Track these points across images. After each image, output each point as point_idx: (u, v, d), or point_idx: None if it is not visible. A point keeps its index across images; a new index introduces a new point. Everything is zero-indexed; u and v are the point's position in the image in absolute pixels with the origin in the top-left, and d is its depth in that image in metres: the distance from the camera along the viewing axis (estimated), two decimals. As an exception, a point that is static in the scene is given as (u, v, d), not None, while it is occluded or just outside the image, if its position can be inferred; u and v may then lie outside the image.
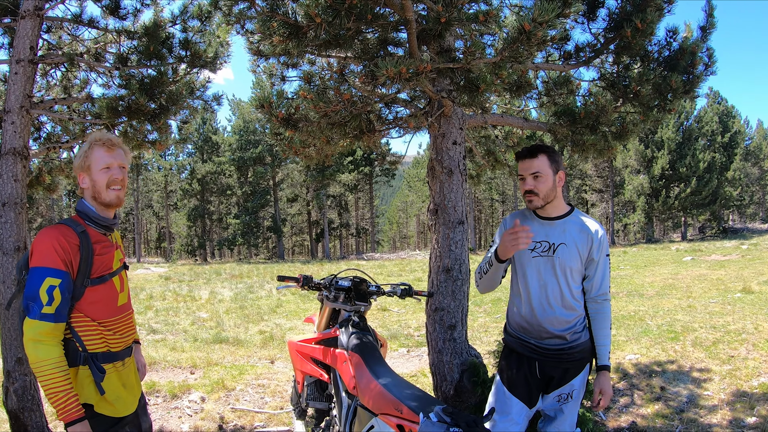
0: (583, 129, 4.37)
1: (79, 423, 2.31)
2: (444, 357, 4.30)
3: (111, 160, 2.59)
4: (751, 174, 52.60)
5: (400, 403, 2.50)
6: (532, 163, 2.93)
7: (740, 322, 8.24)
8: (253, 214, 44.96)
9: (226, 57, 5.93)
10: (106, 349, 2.56)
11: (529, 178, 2.93)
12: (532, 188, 2.92)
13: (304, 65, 5.41)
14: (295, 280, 3.69)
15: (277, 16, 2.90)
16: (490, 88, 2.93)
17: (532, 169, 2.92)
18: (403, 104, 4.31)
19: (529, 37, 2.70)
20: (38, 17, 4.57)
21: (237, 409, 5.62)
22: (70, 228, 2.47)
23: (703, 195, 37.09)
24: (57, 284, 2.34)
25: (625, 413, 5.19)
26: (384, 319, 11.15)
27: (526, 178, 2.95)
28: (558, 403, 3.02)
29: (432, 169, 4.26)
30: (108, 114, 4.92)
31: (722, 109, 45.38)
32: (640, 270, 18.35)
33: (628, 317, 9.43)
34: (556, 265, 2.93)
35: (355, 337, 3.38)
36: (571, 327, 2.95)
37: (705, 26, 4.65)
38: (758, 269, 15.92)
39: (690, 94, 4.62)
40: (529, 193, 2.94)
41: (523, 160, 2.97)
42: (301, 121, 3.65)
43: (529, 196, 2.94)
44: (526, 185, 2.94)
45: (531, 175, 2.92)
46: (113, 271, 2.62)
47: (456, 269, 4.30)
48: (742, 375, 5.99)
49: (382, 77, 2.69)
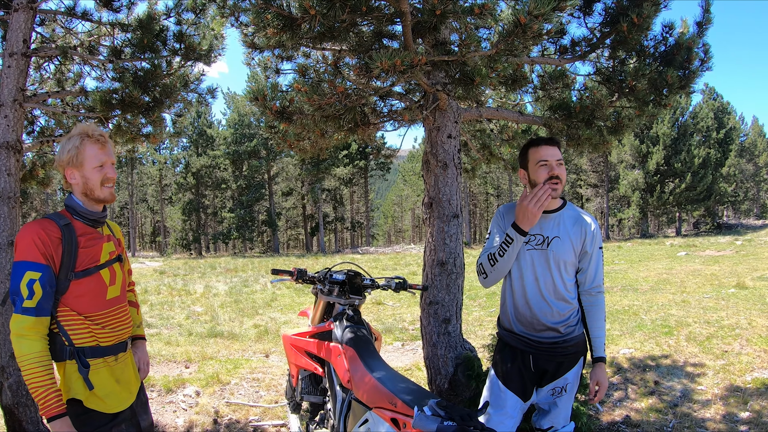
0: (579, 123, 4.36)
1: (59, 419, 2.29)
2: (438, 351, 4.30)
3: (104, 157, 2.56)
4: (746, 170, 52.82)
5: (395, 396, 2.50)
6: (555, 150, 2.90)
7: (734, 317, 8.27)
8: (248, 208, 44.92)
9: (220, 50, 5.89)
10: (95, 344, 2.52)
11: (555, 164, 2.87)
12: (558, 173, 2.86)
13: (299, 58, 5.39)
14: (290, 274, 3.69)
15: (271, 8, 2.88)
16: (485, 81, 2.92)
17: (557, 156, 2.88)
18: (398, 97, 4.30)
19: (525, 30, 2.69)
20: (31, 10, 4.53)
21: (232, 403, 5.61)
22: (53, 221, 2.46)
23: (698, 191, 37.21)
24: (37, 278, 2.33)
25: (619, 407, 5.21)
26: (379, 313, 11.16)
27: (551, 165, 2.87)
28: (552, 396, 3.02)
29: (427, 162, 4.25)
30: (101, 107, 4.87)
31: (718, 105, 45.53)
32: (634, 265, 18.42)
33: (622, 312, 9.46)
34: (550, 258, 2.93)
35: (349, 330, 3.38)
36: (564, 320, 2.96)
37: (701, 22, 4.64)
38: (752, 265, 15.98)
39: (686, 90, 4.62)
40: (556, 179, 2.85)
41: (547, 146, 2.91)
42: (295, 113, 3.63)
43: (555, 182, 2.85)
44: (554, 170, 2.86)
45: (556, 162, 2.87)
46: (100, 263, 2.58)
47: (451, 263, 4.30)
48: (735, 370, 6.02)
49: (377, 69, 2.67)
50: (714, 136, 41.56)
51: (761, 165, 54.26)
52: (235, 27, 4.84)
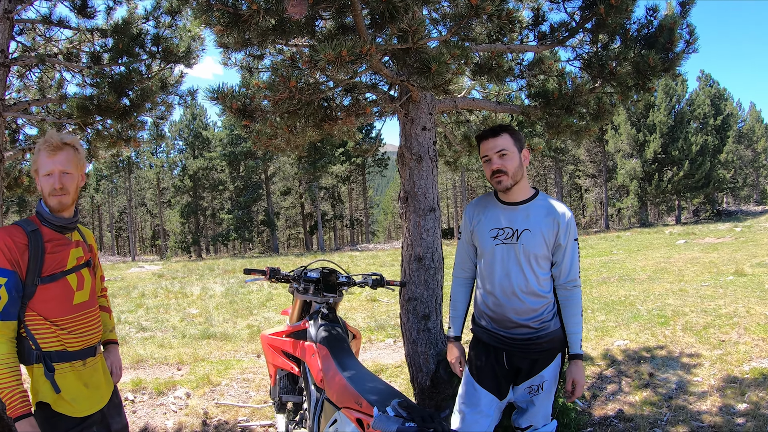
0: (558, 111, 4.26)
1: (24, 419, 2.34)
2: (419, 348, 4.22)
3: (52, 166, 2.57)
4: (745, 156, 52.73)
5: (360, 396, 2.45)
6: (495, 141, 2.82)
7: (732, 305, 8.20)
8: (246, 209, 45.01)
9: (199, 51, 5.92)
10: (62, 348, 2.57)
11: (495, 157, 2.81)
12: (499, 167, 2.80)
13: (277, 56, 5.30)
14: (263, 273, 3.62)
15: (216, 5, 2.81)
16: (442, 69, 2.80)
17: (497, 148, 2.81)
18: (368, 90, 4.20)
19: (477, 11, 2.58)
20: (8, 20, 4.60)
21: (221, 404, 5.59)
22: (20, 228, 2.52)
23: (696, 178, 37.12)
24: (3, 283, 2.39)
25: (612, 401, 5.12)
26: (373, 310, 11.10)
27: (491, 158, 2.83)
28: (529, 395, 2.93)
29: (401, 155, 4.15)
30: (79, 113, 4.93)
31: (714, 91, 45.41)
32: (632, 254, 18.35)
33: (618, 302, 9.39)
34: (520, 252, 2.82)
35: (323, 329, 3.33)
36: (537, 315, 2.85)
37: (684, 1, 4.52)
38: (751, 251, 15.92)
39: (670, 72, 4.49)
40: (498, 173, 2.81)
41: (486, 140, 2.86)
42: (255, 111, 3.56)
43: (498, 176, 2.82)
44: (493, 165, 2.82)
45: (496, 154, 2.81)
46: (67, 269, 2.62)
47: (428, 258, 4.20)
48: (732, 360, 5.92)
49: (321, 61, 2.57)
50: (711, 122, 41.43)
51: (759, 151, 54.17)
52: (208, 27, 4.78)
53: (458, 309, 3.19)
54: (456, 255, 3.21)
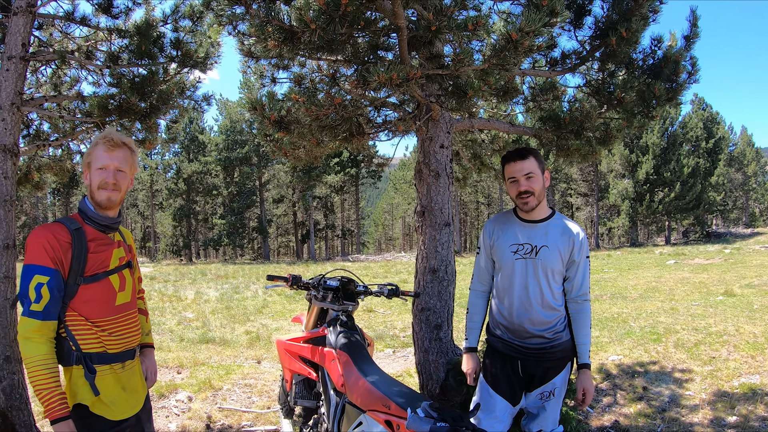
0: (568, 134, 4.44)
1: (62, 422, 2.30)
2: (430, 356, 4.36)
3: (108, 161, 2.55)
4: (735, 179, 53.28)
5: (388, 399, 2.57)
6: (523, 164, 3.00)
7: (722, 324, 8.35)
8: (238, 215, 44.80)
9: (216, 57, 5.93)
10: (102, 350, 2.52)
11: (523, 179, 3.00)
12: (527, 188, 2.99)
13: (294, 67, 5.45)
14: (285, 280, 3.73)
15: (273, 21, 2.95)
16: (477, 94, 3.00)
17: (525, 170, 2.99)
18: (393, 108, 4.36)
19: (516, 46, 2.77)
20: (30, 14, 4.53)
21: (224, 408, 5.62)
22: (63, 226, 2.46)
23: (687, 200, 37.52)
24: (45, 282, 2.34)
25: (608, 412, 5.29)
26: (370, 320, 11.19)
27: (519, 180, 3.01)
28: (541, 401, 3.10)
29: (419, 171, 4.32)
30: (99, 112, 4.89)
31: (707, 115, 45.89)
32: (623, 273, 18.54)
33: (611, 319, 9.54)
34: (539, 267, 3.01)
35: (343, 336, 3.43)
36: (551, 327, 3.04)
37: (689, 35, 4.75)
38: (740, 273, 16.13)
39: (673, 102, 4.72)
40: (525, 194, 3.00)
41: (514, 162, 3.03)
42: (292, 123, 3.69)
43: (525, 197, 3.00)
44: (521, 186, 3.00)
45: (524, 176, 2.99)
46: (110, 269, 2.58)
47: (442, 270, 4.37)
48: (723, 375, 6.09)
49: (374, 83, 2.74)
50: (703, 145, 41.93)
51: (750, 174, 54.75)
52: (232, 36, 4.88)
53: (475, 321, 3.35)
54: (474, 269, 3.38)
